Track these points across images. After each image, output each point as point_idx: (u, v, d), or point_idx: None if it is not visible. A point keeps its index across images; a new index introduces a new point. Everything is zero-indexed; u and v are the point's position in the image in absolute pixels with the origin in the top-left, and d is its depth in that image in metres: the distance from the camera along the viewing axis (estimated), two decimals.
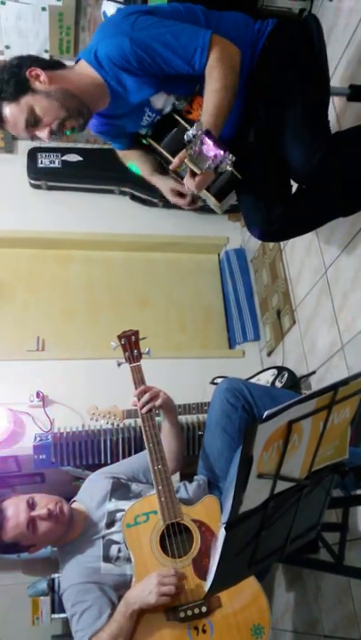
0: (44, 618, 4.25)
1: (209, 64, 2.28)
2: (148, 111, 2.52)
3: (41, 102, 2.32)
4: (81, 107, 2.38)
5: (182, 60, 2.30)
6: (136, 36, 2.27)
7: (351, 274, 3.20)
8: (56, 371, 4.19)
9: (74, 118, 2.37)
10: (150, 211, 4.92)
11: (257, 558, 1.71)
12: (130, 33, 2.27)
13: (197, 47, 2.28)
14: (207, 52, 2.27)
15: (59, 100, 2.33)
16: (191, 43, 2.28)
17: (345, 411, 1.67)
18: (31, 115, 2.32)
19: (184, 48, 2.28)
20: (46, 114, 2.33)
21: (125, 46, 2.27)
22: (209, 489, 2.55)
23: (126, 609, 2.20)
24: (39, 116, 2.33)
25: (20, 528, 2.40)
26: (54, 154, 4.79)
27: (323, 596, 3.19)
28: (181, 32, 2.31)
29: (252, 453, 1.39)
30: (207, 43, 2.27)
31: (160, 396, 2.59)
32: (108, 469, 2.79)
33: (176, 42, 2.28)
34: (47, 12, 4.08)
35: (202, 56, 2.28)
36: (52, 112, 2.34)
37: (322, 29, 2.61)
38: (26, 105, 2.31)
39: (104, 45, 2.33)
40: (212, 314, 4.89)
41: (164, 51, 2.28)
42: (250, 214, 2.71)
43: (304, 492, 1.72)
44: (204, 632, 2.12)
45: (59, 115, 2.34)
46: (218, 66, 2.27)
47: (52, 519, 2.43)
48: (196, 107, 2.50)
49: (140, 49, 2.26)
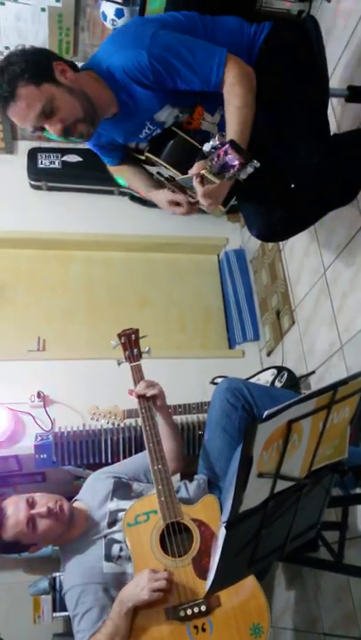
0: (46, 616, 4.26)
1: (229, 81, 2.26)
2: (148, 124, 2.51)
3: (63, 95, 2.26)
4: (94, 115, 2.36)
5: (198, 77, 2.28)
6: (154, 49, 2.24)
7: (350, 274, 3.21)
8: (57, 371, 4.19)
9: (86, 124, 2.34)
10: (150, 211, 4.91)
11: (257, 557, 1.72)
12: (149, 46, 2.24)
13: (213, 65, 2.26)
14: (223, 69, 2.26)
15: (79, 100, 2.29)
16: (207, 60, 2.27)
17: (344, 410, 1.69)
18: (49, 104, 2.23)
19: (200, 65, 2.27)
20: (64, 108, 2.26)
21: (143, 59, 2.24)
22: (209, 488, 2.56)
23: (120, 608, 2.20)
24: (57, 108, 2.25)
25: (20, 526, 2.41)
26: (54, 154, 4.79)
27: (322, 594, 3.20)
28: (198, 48, 2.29)
29: (252, 453, 1.40)
30: (223, 61, 2.26)
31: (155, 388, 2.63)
32: (109, 469, 2.79)
33: (193, 59, 2.26)
34: (46, 13, 4.07)
35: (218, 74, 2.26)
36: (72, 109, 2.28)
37: (320, 31, 2.61)
38: (47, 92, 2.23)
39: (120, 57, 2.30)
40: (211, 314, 4.89)
41: (182, 67, 2.26)
42: (251, 217, 2.73)
43: (304, 491, 1.74)
44: (204, 631, 2.12)
45: (77, 113, 2.29)
46: (239, 83, 2.26)
47: (52, 517, 2.43)
48: (196, 116, 2.50)
49: (158, 63, 2.24)
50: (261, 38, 2.49)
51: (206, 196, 2.17)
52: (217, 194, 2.19)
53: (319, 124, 2.57)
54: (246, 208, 2.72)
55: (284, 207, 2.62)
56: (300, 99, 2.49)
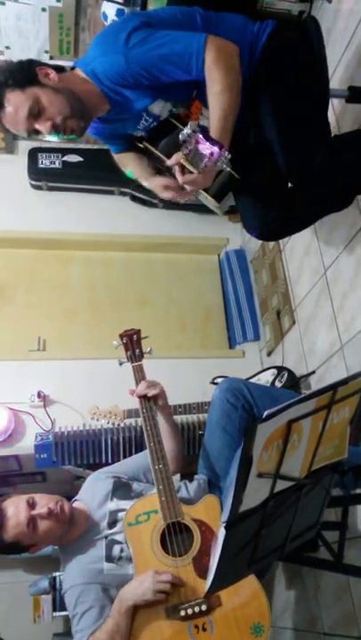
0: (46, 616, 4.27)
1: (207, 66, 2.24)
2: (145, 116, 2.52)
3: (48, 95, 2.31)
4: (83, 110, 2.38)
5: (179, 67, 2.29)
6: (130, 53, 2.26)
7: (350, 274, 3.21)
8: (57, 371, 4.19)
9: (76, 119, 2.36)
10: (150, 211, 4.92)
11: (257, 557, 1.72)
12: (124, 51, 2.26)
13: (192, 52, 2.25)
14: (202, 55, 2.24)
15: (65, 98, 2.33)
16: (186, 49, 2.26)
17: (344, 410, 1.69)
18: (35, 105, 2.29)
19: (179, 56, 2.26)
20: (51, 106, 2.30)
21: (121, 64, 2.27)
22: (209, 488, 2.56)
23: (120, 606, 2.21)
24: (44, 107, 2.30)
25: (21, 527, 2.40)
26: (55, 154, 4.79)
27: (322, 593, 3.20)
28: (175, 41, 2.28)
29: (252, 453, 1.40)
30: (202, 46, 2.24)
31: (157, 388, 2.64)
32: (109, 469, 2.79)
33: (170, 52, 2.26)
34: (47, 13, 4.07)
35: (198, 60, 2.25)
36: (58, 106, 2.32)
37: (321, 31, 2.60)
38: (32, 94, 2.29)
39: (100, 63, 2.34)
40: (212, 314, 4.89)
41: (160, 63, 2.27)
42: (247, 215, 2.73)
43: (304, 491, 1.74)
44: (205, 630, 2.13)
45: (64, 110, 2.32)
46: (216, 66, 2.23)
47: (53, 518, 2.43)
48: (194, 110, 2.50)
49: (136, 65, 2.27)
50: (265, 37, 2.48)
51: (188, 183, 2.20)
52: (197, 182, 2.20)
53: (319, 125, 2.57)
54: (243, 205, 2.72)
55: (281, 206, 2.62)
56: (300, 100, 2.49)
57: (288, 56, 2.50)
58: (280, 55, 2.48)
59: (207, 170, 2.08)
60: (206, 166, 2.01)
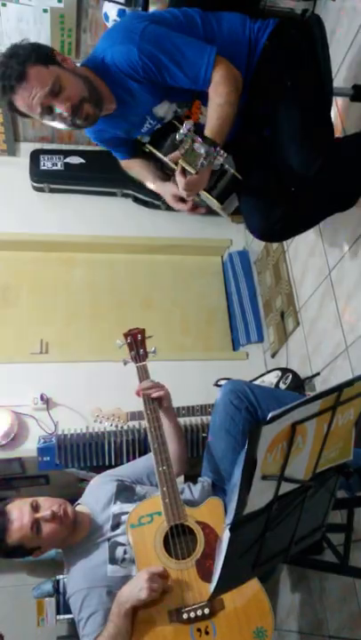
0: (50, 619, 4.25)
1: (214, 80, 2.32)
2: (149, 119, 2.55)
3: (68, 76, 2.34)
4: (98, 97, 2.41)
5: (187, 76, 2.35)
6: (144, 45, 2.30)
7: (355, 275, 3.19)
8: (60, 373, 4.20)
9: (92, 104, 2.39)
10: (153, 213, 4.92)
11: (261, 560, 1.71)
12: (138, 42, 2.30)
13: (203, 65, 2.32)
14: (211, 70, 2.32)
15: (83, 81, 2.37)
16: (196, 60, 2.32)
17: (349, 412, 1.68)
18: (57, 83, 2.31)
19: (189, 64, 2.32)
20: (71, 87, 2.33)
21: (133, 55, 2.30)
22: (213, 491, 2.55)
23: (119, 609, 2.19)
24: (64, 87, 2.32)
25: (25, 530, 2.39)
26: (57, 156, 4.80)
27: (328, 596, 3.19)
28: (188, 47, 2.34)
29: (257, 455, 1.39)
30: (212, 61, 2.32)
31: (161, 390, 2.65)
32: (112, 472, 2.78)
33: (182, 57, 2.32)
34: (48, 14, 4.07)
35: (206, 74, 2.32)
36: (77, 88, 2.35)
37: (324, 29, 2.61)
38: (55, 72, 2.32)
39: (112, 52, 2.37)
40: (215, 316, 4.89)
41: (171, 65, 2.33)
42: (250, 216, 2.73)
43: (308, 493, 1.73)
44: (207, 634, 2.11)
45: (82, 92, 2.36)
46: (223, 83, 2.32)
47: (56, 521, 2.42)
48: (195, 110, 2.53)
49: (147, 58, 2.30)
50: (266, 35, 2.50)
51: (187, 186, 2.25)
52: (196, 184, 2.25)
53: (321, 127, 2.57)
54: (246, 206, 2.71)
55: (285, 207, 2.62)
56: (302, 100, 2.51)
57: (290, 55, 2.53)
58: (282, 54, 2.51)
59: (204, 169, 2.10)
60: (203, 165, 2.02)
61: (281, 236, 3.04)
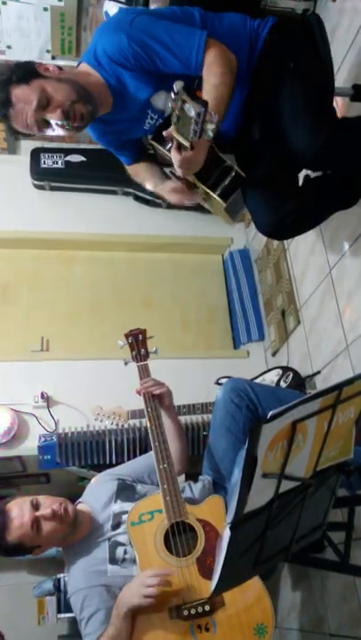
0: (50, 618, 4.26)
1: (207, 61, 2.29)
2: (150, 113, 2.53)
3: (53, 85, 2.34)
4: (88, 95, 2.39)
5: (178, 59, 2.32)
6: (134, 33, 2.29)
7: (356, 273, 3.20)
8: (60, 371, 4.20)
9: (83, 103, 2.37)
10: (154, 211, 4.93)
11: (262, 558, 1.71)
12: (128, 30, 2.30)
13: (193, 47, 2.29)
14: (203, 52, 2.29)
15: (69, 84, 2.36)
16: (187, 42, 2.30)
17: (349, 411, 1.68)
18: (43, 95, 2.31)
19: (180, 47, 2.30)
20: (58, 93, 2.33)
21: (123, 42, 2.29)
22: (214, 489, 2.55)
23: (119, 611, 2.19)
24: (51, 96, 2.32)
25: (25, 528, 2.39)
26: (57, 154, 4.80)
27: (328, 594, 3.19)
28: (177, 32, 2.33)
29: (257, 453, 1.39)
30: (203, 43, 2.29)
31: (163, 387, 2.66)
32: (113, 471, 2.78)
33: (172, 41, 2.30)
34: (49, 12, 4.08)
35: (197, 56, 2.29)
36: (64, 92, 2.34)
37: (324, 27, 2.61)
38: (38, 86, 2.32)
39: (102, 42, 2.36)
40: (216, 314, 4.89)
41: (161, 49, 2.31)
42: (259, 211, 2.68)
43: (309, 491, 1.73)
44: (208, 631, 2.11)
45: (70, 96, 2.34)
46: (217, 63, 2.28)
47: (57, 519, 2.42)
48: None
49: (137, 46, 2.29)
50: (266, 30, 2.50)
51: (183, 163, 2.19)
52: (193, 160, 2.19)
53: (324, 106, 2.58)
54: (254, 202, 2.66)
55: (295, 199, 2.60)
56: (303, 84, 2.49)
57: (291, 46, 2.53)
58: (282, 46, 2.50)
59: (198, 142, 2.03)
60: (195, 132, 1.95)
61: (292, 230, 2.94)
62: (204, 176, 2.42)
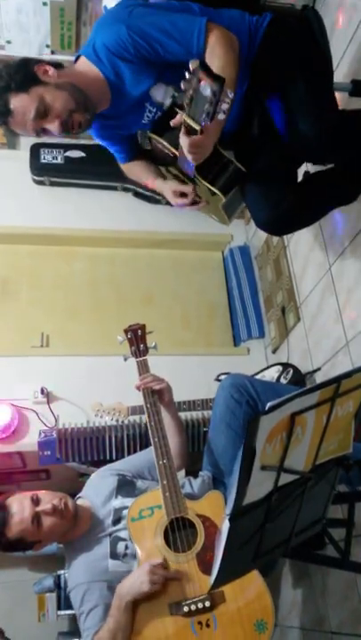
0: (51, 614, 4.25)
1: (210, 44, 2.28)
2: (148, 106, 2.51)
3: (51, 92, 2.33)
4: (87, 101, 2.39)
5: (179, 44, 2.30)
6: (132, 22, 2.28)
7: (355, 270, 3.19)
8: (60, 367, 4.20)
9: (81, 112, 2.38)
10: (153, 207, 4.92)
11: (262, 551, 1.71)
12: (127, 20, 2.29)
13: (194, 30, 2.28)
14: (204, 35, 2.28)
15: (68, 92, 2.35)
16: (188, 27, 2.29)
17: (348, 404, 1.67)
18: (42, 104, 2.32)
19: (181, 32, 2.29)
20: (56, 103, 2.33)
21: (122, 33, 2.28)
22: (214, 485, 2.56)
23: (120, 602, 2.19)
24: (49, 105, 2.33)
25: (25, 523, 2.40)
26: (57, 150, 4.79)
27: (329, 592, 3.19)
28: (178, 18, 2.32)
29: (256, 445, 1.39)
30: (203, 26, 2.28)
31: (163, 382, 2.66)
32: (113, 466, 2.79)
33: (172, 27, 2.29)
34: (48, 7, 4.08)
35: (199, 39, 2.28)
36: (63, 101, 2.34)
37: (322, 20, 2.61)
38: (36, 94, 2.32)
39: (101, 35, 2.35)
40: (216, 311, 4.88)
41: (161, 36, 2.29)
42: (258, 207, 2.66)
43: (308, 485, 1.72)
44: (208, 627, 2.12)
45: (68, 105, 2.35)
46: (220, 44, 2.27)
47: (57, 514, 2.42)
48: None
49: (136, 35, 2.27)
50: (265, 23, 2.50)
51: (192, 147, 2.11)
52: (203, 145, 2.14)
53: (327, 95, 2.59)
54: (253, 196, 2.65)
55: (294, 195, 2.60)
56: (304, 74, 2.50)
57: (290, 37, 2.54)
58: (281, 39, 2.51)
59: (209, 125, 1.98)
60: (208, 114, 1.90)
61: (288, 227, 2.92)
62: (205, 171, 2.42)
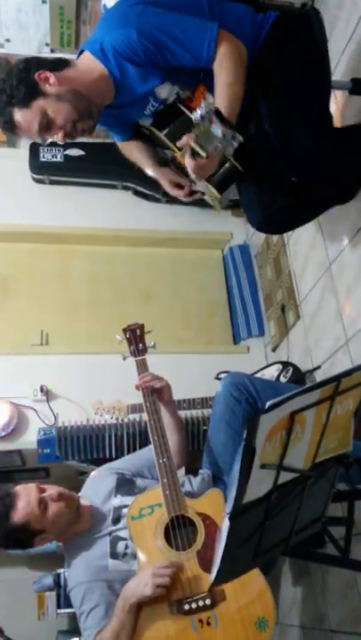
0: (50, 613, 4.25)
1: (219, 56, 2.28)
2: (152, 100, 2.50)
3: (53, 105, 2.33)
4: (91, 107, 2.40)
5: (189, 53, 2.30)
6: (143, 27, 2.26)
7: (355, 268, 3.19)
8: (60, 365, 4.20)
9: (85, 120, 2.39)
10: (153, 206, 4.92)
11: (262, 549, 1.71)
12: (137, 24, 2.26)
13: (205, 40, 2.27)
14: (215, 45, 2.27)
15: (70, 102, 2.34)
16: (198, 36, 2.28)
17: (348, 402, 1.67)
18: (44, 118, 2.33)
19: (191, 41, 2.28)
20: (58, 116, 2.34)
21: (132, 37, 2.26)
22: (213, 483, 2.56)
23: (124, 603, 2.19)
24: (52, 119, 2.34)
25: (32, 506, 2.41)
26: (56, 148, 4.77)
27: (329, 590, 3.19)
28: (188, 25, 2.30)
29: (255, 443, 1.39)
30: (214, 36, 2.27)
31: (163, 381, 2.66)
32: (112, 465, 2.79)
33: (183, 35, 2.28)
34: (47, 5, 4.06)
35: (209, 49, 2.27)
36: (65, 114, 2.35)
37: (323, 22, 2.61)
38: (38, 109, 2.32)
39: (110, 36, 2.32)
40: (216, 309, 4.88)
41: (171, 43, 2.28)
42: (251, 207, 2.72)
43: (308, 483, 1.72)
44: (209, 625, 2.12)
45: (71, 116, 2.35)
46: (229, 58, 2.27)
47: (63, 500, 2.45)
48: (198, 95, 2.49)
49: (146, 40, 2.26)
50: (268, 26, 2.49)
51: (196, 169, 2.20)
52: (207, 167, 2.21)
53: (319, 111, 2.59)
54: (247, 196, 2.71)
55: (287, 197, 2.61)
56: (301, 85, 2.51)
57: (291, 45, 2.52)
58: (283, 44, 2.50)
59: (216, 153, 2.06)
60: (217, 148, 1.98)
61: (281, 227, 3.03)
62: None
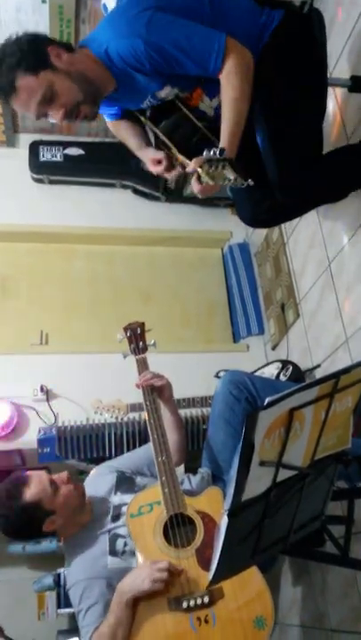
0: (50, 613, 4.25)
1: (226, 69, 2.27)
2: (150, 98, 2.50)
3: (61, 81, 2.29)
4: (96, 93, 2.38)
5: (196, 64, 2.28)
6: (150, 38, 2.23)
7: (355, 266, 3.19)
8: (60, 364, 4.20)
9: (88, 104, 2.36)
10: (153, 205, 4.92)
11: (261, 547, 1.71)
12: (144, 34, 2.23)
13: (212, 52, 2.25)
14: (222, 56, 2.25)
15: (78, 83, 2.31)
16: (205, 47, 2.26)
17: (347, 400, 1.67)
18: (49, 90, 2.27)
19: (198, 52, 2.26)
20: (64, 93, 2.30)
21: (139, 48, 2.23)
22: (213, 481, 2.55)
23: (120, 598, 2.19)
24: (57, 93, 2.28)
25: (44, 484, 2.43)
26: (56, 147, 4.78)
27: (329, 589, 3.19)
28: (196, 35, 2.27)
29: (254, 440, 1.39)
30: (222, 48, 2.25)
31: (163, 379, 2.66)
32: (111, 463, 2.80)
33: (190, 46, 2.25)
34: (47, 5, 4.06)
35: (216, 61, 2.26)
36: (71, 93, 2.31)
37: (324, 25, 2.60)
38: (45, 79, 2.26)
39: (116, 43, 2.29)
40: (215, 308, 4.88)
41: (178, 54, 2.26)
42: (241, 203, 2.84)
43: (307, 480, 1.72)
44: (207, 622, 2.11)
45: (77, 97, 2.32)
46: (236, 73, 2.27)
47: (72, 483, 2.49)
48: (196, 96, 2.49)
49: (153, 51, 2.24)
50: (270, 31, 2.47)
51: (203, 192, 2.25)
52: (212, 190, 2.24)
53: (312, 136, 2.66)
54: (238, 195, 2.77)
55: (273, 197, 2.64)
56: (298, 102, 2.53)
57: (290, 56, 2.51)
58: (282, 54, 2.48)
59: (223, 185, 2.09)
60: (224, 185, 2.03)
61: (267, 224, 3.24)
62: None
